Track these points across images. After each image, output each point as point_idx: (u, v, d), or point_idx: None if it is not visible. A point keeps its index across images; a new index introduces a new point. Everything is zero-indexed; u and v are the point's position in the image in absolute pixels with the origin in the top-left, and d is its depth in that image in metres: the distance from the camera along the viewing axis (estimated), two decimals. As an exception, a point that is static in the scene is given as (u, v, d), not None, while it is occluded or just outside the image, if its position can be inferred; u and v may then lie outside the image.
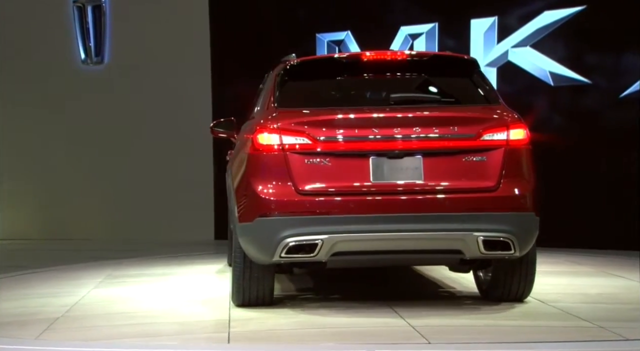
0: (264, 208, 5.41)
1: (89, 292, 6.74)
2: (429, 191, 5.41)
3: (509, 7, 10.02)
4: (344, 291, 6.57)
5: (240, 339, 4.94)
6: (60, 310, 5.91)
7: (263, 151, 5.49)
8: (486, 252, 5.39)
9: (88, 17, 12.49)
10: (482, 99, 5.85)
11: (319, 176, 5.42)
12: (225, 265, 8.39)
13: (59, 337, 5.13)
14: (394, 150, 5.44)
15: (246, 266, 5.66)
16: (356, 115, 5.59)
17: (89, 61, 12.54)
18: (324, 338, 4.95)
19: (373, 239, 5.36)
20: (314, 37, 11.12)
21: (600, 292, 6.51)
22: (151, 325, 5.44)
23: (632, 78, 9.35)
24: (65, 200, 12.76)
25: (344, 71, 6.08)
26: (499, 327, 5.17)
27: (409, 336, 4.86)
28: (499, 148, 5.51)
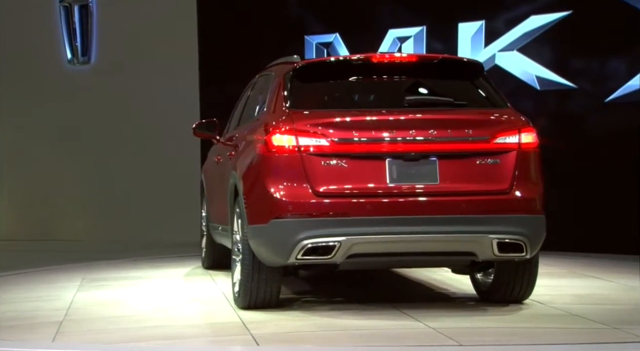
0: (280, 209, 5.39)
1: (75, 296, 6.67)
2: (445, 193, 5.45)
3: (496, 11, 10.09)
4: (344, 294, 6.60)
5: (267, 341, 4.89)
6: (56, 314, 5.86)
7: (278, 152, 5.46)
8: (499, 254, 5.47)
9: (75, 16, 12.47)
10: (491, 102, 5.91)
11: (336, 178, 5.41)
12: (199, 267, 8.32)
13: (79, 340, 5.09)
14: (410, 153, 5.47)
15: (254, 269, 5.62)
16: (373, 117, 5.61)
17: (76, 61, 12.52)
18: (351, 340, 4.96)
19: (390, 241, 5.39)
20: (302, 39, 11.14)
21: (590, 293, 6.61)
22: (166, 328, 5.40)
23: (617, 83, 9.44)
24: (50, 201, 12.73)
25: (353, 73, 6.06)
26: (522, 329, 5.22)
27: (435, 339, 4.88)
28: (511, 151, 5.58)
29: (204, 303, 6.28)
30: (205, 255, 8.17)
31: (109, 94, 12.38)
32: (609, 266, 8.08)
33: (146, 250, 10.40)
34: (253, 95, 7.01)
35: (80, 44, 12.47)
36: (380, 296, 6.42)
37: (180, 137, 11.72)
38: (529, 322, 5.41)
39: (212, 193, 7.78)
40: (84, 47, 12.47)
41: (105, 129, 12.39)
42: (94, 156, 12.45)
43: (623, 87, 9.39)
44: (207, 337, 5.13)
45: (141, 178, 12.19)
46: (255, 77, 7.25)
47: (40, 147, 12.74)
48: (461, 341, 4.75)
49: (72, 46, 12.50)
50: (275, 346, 4.84)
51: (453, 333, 4.95)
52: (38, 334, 5.26)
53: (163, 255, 9.74)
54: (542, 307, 5.89)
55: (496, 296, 5.97)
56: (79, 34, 12.45)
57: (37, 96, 12.69)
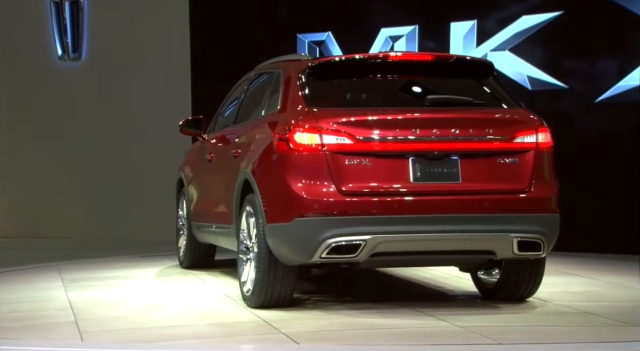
0: (304, 208, 5.36)
1: (67, 296, 6.56)
2: (466, 192, 5.49)
3: (488, 11, 10.11)
4: (350, 293, 6.59)
5: (305, 340, 4.84)
6: (64, 314, 5.80)
7: (301, 150, 5.43)
8: (519, 252, 5.52)
9: (65, 12, 12.42)
10: (505, 102, 5.96)
11: (360, 176, 5.40)
12: (171, 266, 8.29)
13: (108, 339, 5.04)
14: (433, 151, 5.48)
15: (271, 267, 5.59)
16: (396, 116, 5.61)
17: (66, 57, 12.47)
18: (386, 339, 4.93)
19: (414, 240, 5.42)
20: (294, 37, 11.14)
21: (583, 290, 6.71)
22: (190, 327, 5.33)
23: (607, 83, 9.50)
24: (41, 198, 12.70)
25: (369, 71, 6.02)
26: (547, 327, 5.26)
27: (470, 337, 4.89)
28: (529, 151, 5.63)
29: (210, 302, 6.24)
30: (184, 254, 8.09)
31: (100, 91, 12.35)
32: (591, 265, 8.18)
33: (118, 250, 10.31)
34: (252, 93, 6.95)
35: (71, 40, 12.42)
36: (385, 295, 6.45)
37: (172, 135, 11.65)
38: (549, 320, 5.47)
39: (199, 192, 7.69)
40: (74, 43, 12.43)
41: (95, 126, 12.36)
42: (85, 153, 12.41)
43: (614, 88, 9.45)
44: (239, 336, 5.09)
45: (132, 175, 12.17)
46: (250, 74, 7.18)
47: (31, 143, 12.70)
48: (499, 339, 4.78)
49: (63, 42, 12.45)
50: (317, 344, 4.81)
51: (484, 331, 4.99)
52: (60, 334, 5.20)
53: (133, 254, 9.61)
54: (549, 305, 5.97)
55: (503, 294, 6.03)
56: (69, 30, 12.41)
57: (28, 93, 12.64)
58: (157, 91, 12.05)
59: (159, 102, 11.94)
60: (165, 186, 11.89)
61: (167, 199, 11.80)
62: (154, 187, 11.93)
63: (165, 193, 11.87)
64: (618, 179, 9.43)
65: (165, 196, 11.85)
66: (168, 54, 12.04)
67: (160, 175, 11.91)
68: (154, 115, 11.98)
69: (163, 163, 11.96)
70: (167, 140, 11.88)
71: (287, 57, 6.45)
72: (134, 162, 12.16)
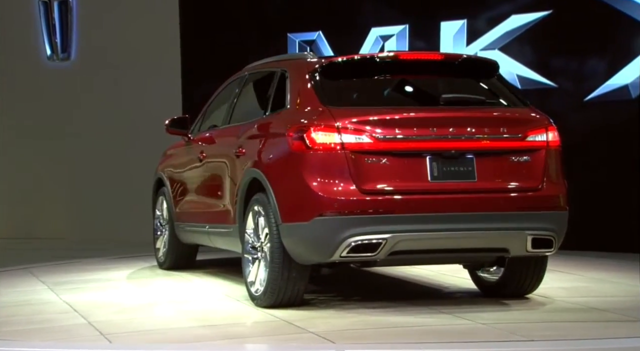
0: (324, 207, 5.35)
1: (61, 299, 6.48)
2: (482, 190, 5.55)
3: (477, 11, 10.16)
4: (356, 292, 6.60)
5: (338, 339, 4.81)
6: (72, 317, 5.73)
7: (320, 149, 5.43)
8: (532, 250, 5.60)
9: (54, 12, 12.38)
10: (514, 100, 6.01)
11: (379, 175, 5.42)
12: (147, 267, 8.26)
13: (137, 340, 4.98)
14: (450, 150, 5.53)
15: (285, 267, 5.58)
16: (413, 115, 5.65)
17: (55, 57, 12.44)
18: (416, 337, 4.92)
19: (432, 238, 5.47)
20: (285, 37, 11.15)
21: (573, 286, 6.78)
22: (213, 328, 5.31)
23: (596, 82, 9.54)
24: (31, 198, 12.66)
25: (380, 70, 6.02)
26: (569, 324, 5.33)
27: (499, 334, 4.92)
28: (541, 150, 5.71)
29: (217, 302, 6.21)
30: (165, 255, 8.01)
31: (89, 91, 12.31)
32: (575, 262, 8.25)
33: (92, 251, 10.29)
34: (248, 92, 6.92)
35: (60, 40, 12.38)
36: (388, 293, 6.49)
37: (162, 135, 11.66)
38: (563, 316, 5.56)
39: (186, 192, 7.57)
40: (63, 43, 12.39)
41: (85, 126, 12.32)
42: (75, 153, 12.38)
43: (602, 86, 9.49)
44: (269, 336, 5.06)
45: (123, 175, 12.15)
46: (244, 74, 7.12)
47: (20, 143, 12.64)
48: (527, 336, 4.83)
49: (52, 42, 12.41)
50: (354, 343, 4.79)
51: (508, 328, 5.04)
52: (83, 336, 5.13)
53: (108, 256, 9.54)
54: (555, 301, 6.03)
55: (506, 290, 6.09)
56: (58, 30, 12.37)
57: (16, 93, 12.59)
58: (147, 91, 12.01)
59: (149, 102, 11.91)
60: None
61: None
62: (146, 187, 11.89)
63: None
64: (607, 177, 9.50)
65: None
66: (158, 54, 12.01)
67: (151, 175, 11.89)
68: (144, 115, 11.94)
69: (154, 163, 11.94)
70: (158, 140, 11.86)
71: (288, 56, 6.46)
72: (125, 162, 12.14)
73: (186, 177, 7.61)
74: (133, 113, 12.05)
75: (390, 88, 6.12)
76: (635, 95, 9.30)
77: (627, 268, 7.84)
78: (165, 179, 8.03)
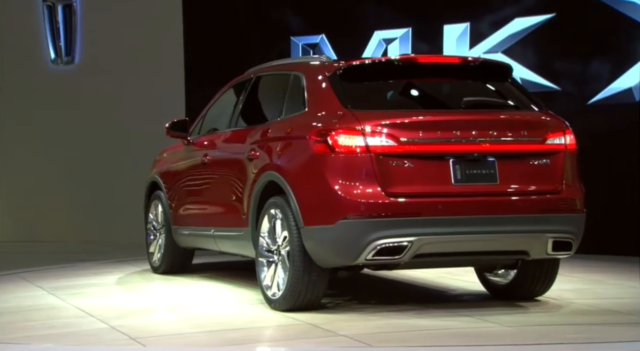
0: (350, 209, 5.36)
1: (70, 303, 6.43)
2: (504, 193, 5.59)
3: (481, 14, 10.18)
4: (361, 294, 6.61)
5: (372, 341, 4.82)
6: (89, 321, 5.68)
7: (345, 152, 5.44)
8: (552, 252, 5.64)
9: (58, 16, 12.41)
10: (530, 104, 6.02)
11: (404, 178, 5.44)
12: (137, 271, 8.23)
13: (177, 343, 4.96)
14: (472, 153, 5.55)
15: (305, 270, 5.58)
16: (436, 118, 5.67)
17: (59, 61, 12.47)
18: (446, 340, 4.92)
19: (456, 241, 5.49)
20: (288, 40, 11.20)
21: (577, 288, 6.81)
22: (240, 331, 5.29)
23: (600, 85, 9.56)
24: (35, 202, 12.69)
25: (399, 73, 6.05)
26: (593, 326, 5.36)
27: (532, 337, 4.94)
28: (560, 152, 5.75)
29: (232, 307, 6.19)
30: (160, 260, 7.96)
31: (93, 94, 12.34)
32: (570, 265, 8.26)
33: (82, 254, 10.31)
34: (255, 95, 6.90)
35: (64, 43, 12.42)
36: (401, 296, 6.52)
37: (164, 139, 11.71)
38: (585, 319, 5.59)
39: (187, 196, 7.53)
40: (67, 47, 12.42)
41: (88, 129, 12.36)
42: (78, 157, 12.41)
43: (606, 90, 9.51)
44: (300, 339, 5.05)
45: (125, 178, 12.16)
46: (249, 77, 7.07)
47: (24, 147, 12.68)
48: (561, 338, 4.87)
49: (56, 46, 12.45)
50: (389, 346, 4.79)
51: (537, 331, 5.10)
52: (113, 340, 5.09)
53: (93, 261, 9.47)
54: (570, 304, 6.07)
55: (517, 293, 6.11)
56: (62, 34, 12.40)
57: (21, 96, 12.62)
58: (151, 94, 12.04)
59: (152, 105, 11.93)
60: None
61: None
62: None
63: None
64: (611, 180, 9.49)
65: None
66: (162, 57, 12.05)
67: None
68: (147, 119, 11.95)
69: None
70: (160, 143, 11.87)
71: (301, 59, 6.45)
72: (128, 165, 12.15)
73: (187, 180, 7.55)
74: (136, 117, 12.07)
75: (409, 91, 6.15)
76: (638, 98, 9.31)
77: (621, 269, 7.90)
78: (161, 182, 7.98)
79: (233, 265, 8.55)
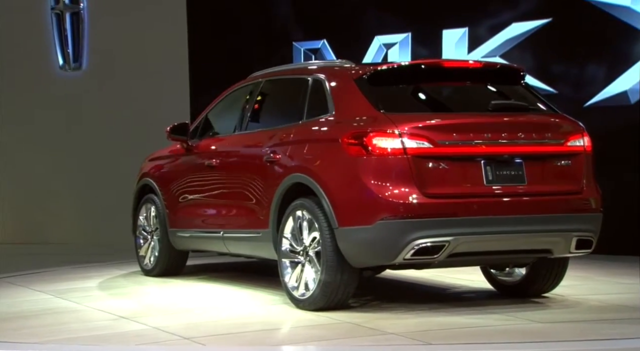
0: (389, 210, 5.44)
1: (89, 306, 6.39)
2: (532, 194, 5.72)
3: (479, 19, 10.27)
4: (384, 294, 6.64)
5: (427, 339, 4.85)
6: (124, 322, 5.64)
7: (383, 154, 5.52)
8: (574, 250, 5.79)
9: (66, 23, 12.62)
10: (549, 107, 6.20)
11: (439, 179, 5.54)
12: (124, 274, 8.22)
13: (224, 342, 4.95)
14: (502, 155, 5.69)
15: (338, 270, 5.65)
16: (468, 120, 5.78)
17: (67, 67, 12.68)
18: (497, 336, 4.98)
19: (490, 240, 5.62)
20: (290, 45, 11.31)
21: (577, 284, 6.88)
22: (291, 330, 5.32)
23: (596, 88, 9.63)
24: (43, 204, 12.88)
25: (424, 77, 6.14)
26: (622, 322, 5.43)
27: (569, 333, 5.06)
28: (580, 154, 5.92)
29: (258, 307, 6.16)
30: (155, 262, 7.92)
31: (100, 99, 12.53)
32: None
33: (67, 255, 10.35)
34: (267, 99, 6.93)
35: (72, 50, 12.62)
36: (416, 296, 6.58)
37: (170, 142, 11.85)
38: (608, 315, 5.69)
39: (190, 199, 7.50)
40: (75, 53, 12.62)
41: (96, 133, 12.54)
42: (86, 160, 12.58)
43: (602, 92, 9.59)
44: (350, 338, 5.06)
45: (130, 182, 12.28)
46: (257, 81, 7.08)
47: (33, 150, 12.86)
48: (604, 334, 4.98)
49: (64, 52, 12.65)
50: (446, 343, 4.82)
51: (569, 327, 5.19)
52: (168, 340, 5.08)
53: (75, 264, 9.43)
54: (580, 300, 6.20)
55: (528, 290, 6.24)
56: (70, 41, 12.61)
57: (30, 101, 12.83)
58: (156, 98, 12.19)
59: (157, 109, 12.06)
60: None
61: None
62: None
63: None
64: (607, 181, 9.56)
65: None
66: (166, 63, 12.20)
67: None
68: (153, 123, 12.07)
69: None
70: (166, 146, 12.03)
71: (319, 63, 6.55)
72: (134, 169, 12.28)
73: (189, 183, 7.52)
74: (142, 121, 12.19)
75: (434, 94, 6.24)
76: (634, 101, 9.40)
77: (609, 267, 8.00)
78: (156, 186, 7.95)
79: (221, 266, 8.63)
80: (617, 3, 9.42)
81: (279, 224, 6.13)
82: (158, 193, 7.91)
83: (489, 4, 10.24)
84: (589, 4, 9.55)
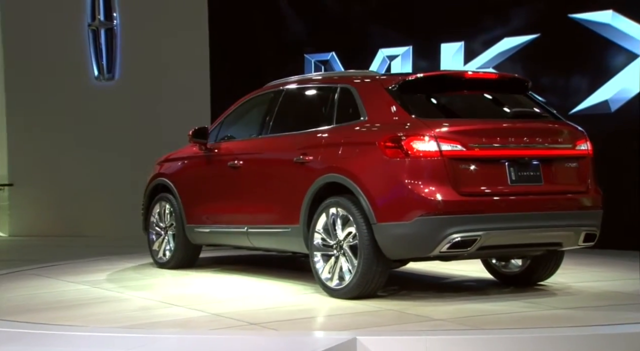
0: (427, 207, 5.77)
1: (135, 295, 6.47)
2: (548, 192, 6.18)
3: (474, 34, 10.64)
4: (405, 285, 6.80)
5: (477, 325, 4.98)
6: (185, 310, 5.72)
7: (421, 156, 5.84)
8: (582, 243, 6.27)
9: (101, 38, 13.46)
10: (554, 115, 6.64)
11: (470, 179, 5.91)
12: (135, 266, 8.37)
13: (286, 328, 5.03)
14: (523, 157, 6.11)
15: (373, 261, 5.97)
16: (494, 126, 6.16)
17: (102, 77, 13.46)
18: (529, 322, 5.14)
19: (514, 234, 6.03)
20: (302, 56, 11.77)
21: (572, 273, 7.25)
22: (336, 317, 5.46)
23: (580, 97, 10.00)
24: (79, 201, 13.57)
25: (449, 86, 6.50)
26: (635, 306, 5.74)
27: (593, 318, 5.30)
28: (586, 157, 6.40)
29: (292, 296, 6.27)
30: (171, 255, 8.14)
31: (131, 106, 13.22)
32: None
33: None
34: (291, 106, 7.20)
35: (106, 62, 13.41)
36: (425, 286, 6.79)
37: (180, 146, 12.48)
38: (616, 300, 6.05)
39: (211, 197, 7.69)
40: (109, 65, 13.40)
41: (126, 138, 13.21)
42: (118, 160, 13.22)
43: (585, 101, 9.94)
44: (402, 324, 5.19)
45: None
46: (278, 89, 7.30)
47: (71, 152, 13.58)
48: (624, 319, 5.20)
49: (99, 64, 13.45)
50: (495, 328, 4.95)
51: (591, 314, 5.48)
52: (238, 327, 5.14)
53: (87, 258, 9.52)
54: (581, 288, 6.53)
55: (529, 279, 6.70)
56: (104, 54, 13.40)
57: (69, 108, 13.56)
58: (180, 107, 12.75)
59: (181, 117, 12.50)
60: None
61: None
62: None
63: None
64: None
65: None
66: (190, 74, 12.82)
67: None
68: (177, 128, 12.64)
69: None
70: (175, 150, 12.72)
71: (346, 73, 6.88)
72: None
73: (211, 182, 7.72)
74: (168, 126, 12.73)
75: (459, 102, 6.58)
76: (614, 109, 9.76)
77: (600, 259, 8.30)
78: (172, 185, 8.18)
79: (227, 259, 8.84)
80: (599, 20, 9.79)
81: (309, 220, 6.44)
82: (174, 191, 8.13)
83: (483, 21, 10.59)
84: (574, 21, 9.92)
